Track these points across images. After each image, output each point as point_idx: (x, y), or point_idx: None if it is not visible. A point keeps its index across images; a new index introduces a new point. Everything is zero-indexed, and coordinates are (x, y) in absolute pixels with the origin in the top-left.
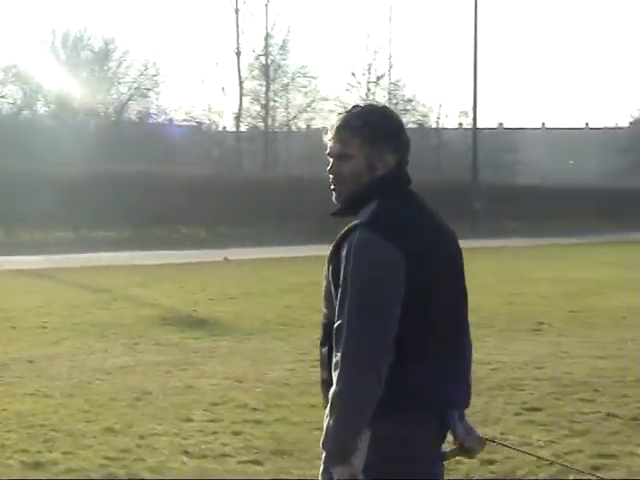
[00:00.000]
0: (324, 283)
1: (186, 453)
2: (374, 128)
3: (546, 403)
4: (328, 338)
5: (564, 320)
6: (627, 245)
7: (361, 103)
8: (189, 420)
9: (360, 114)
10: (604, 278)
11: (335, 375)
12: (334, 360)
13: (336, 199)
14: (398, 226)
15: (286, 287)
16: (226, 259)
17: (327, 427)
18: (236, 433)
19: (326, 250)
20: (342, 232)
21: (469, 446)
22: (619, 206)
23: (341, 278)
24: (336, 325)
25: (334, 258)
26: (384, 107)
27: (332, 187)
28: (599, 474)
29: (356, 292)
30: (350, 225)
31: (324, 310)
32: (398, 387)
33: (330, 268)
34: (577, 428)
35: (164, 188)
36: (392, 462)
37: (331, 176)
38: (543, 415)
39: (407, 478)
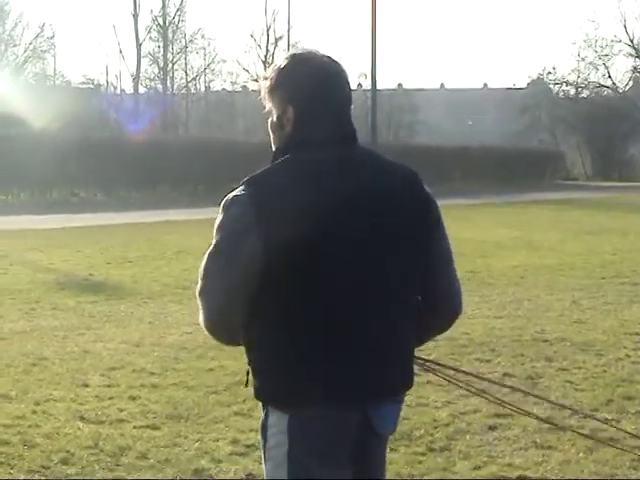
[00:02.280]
0: None
1: (82, 419)
2: (275, 76)
3: (444, 363)
4: None
5: (462, 280)
6: (524, 205)
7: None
8: (85, 385)
9: (273, 65)
10: (501, 238)
11: None
12: None
13: None
14: (265, 195)
15: (184, 250)
16: None
17: None
18: (133, 398)
19: None
20: None
21: None
22: (516, 166)
23: None
24: None
25: None
26: (298, 52)
27: None
28: (495, 433)
29: (212, 244)
30: None
31: None
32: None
33: None
34: (475, 387)
35: (61, 151)
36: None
37: None
38: (441, 376)
39: None
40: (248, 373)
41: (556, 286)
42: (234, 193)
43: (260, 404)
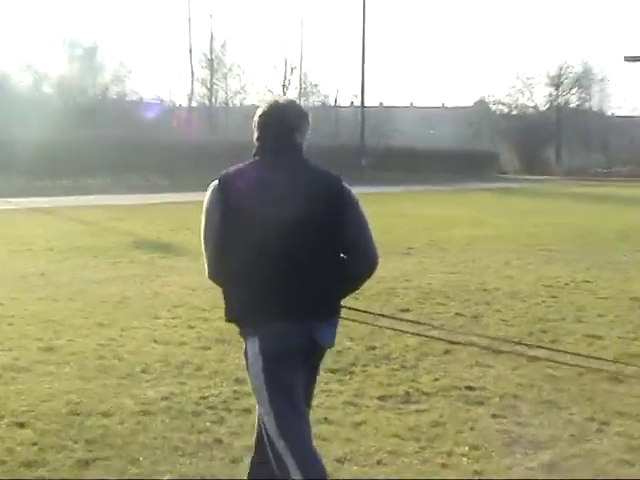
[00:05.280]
0: None
1: (155, 341)
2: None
3: (413, 306)
4: None
5: (426, 246)
6: (471, 192)
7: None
8: (157, 317)
9: None
10: (454, 215)
11: None
12: None
13: None
14: (229, 178)
15: None
16: None
17: None
18: (191, 327)
19: None
20: None
21: None
22: (466, 163)
23: None
24: None
25: None
26: (269, 99)
27: None
28: (449, 356)
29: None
30: None
31: None
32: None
33: None
34: (435, 323)
35: (137, 148)
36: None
37: None
38: (411, 314)
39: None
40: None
41: (493, 251)
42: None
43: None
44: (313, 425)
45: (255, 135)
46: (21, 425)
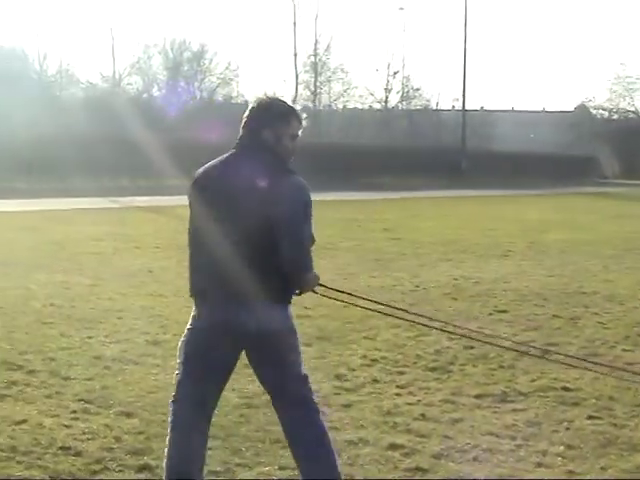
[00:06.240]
0: None
1: None
2: None
3: (510, 307)
4: None
5: (524, 249)
6: (570, 196)
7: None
8: None
9: None
10: (553, 219)
11: None
12: None
13: None
14: (197, 173)
15: (329, 222)
16: None
17: None
18: None
19: (352, 196)
20: None
21: None
22: (566, 168)
23: None
24: None
25: None
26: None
27: None
28: (547, 357)
29: None
30: None
31: None
32: None
33: None
34: (532, 325)
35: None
36: None
37: None
38: (508, 315)
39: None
40: None
41: (592, 254)
42: None
43: None
44: (411, 421)
45: None
46: (128, 415)
